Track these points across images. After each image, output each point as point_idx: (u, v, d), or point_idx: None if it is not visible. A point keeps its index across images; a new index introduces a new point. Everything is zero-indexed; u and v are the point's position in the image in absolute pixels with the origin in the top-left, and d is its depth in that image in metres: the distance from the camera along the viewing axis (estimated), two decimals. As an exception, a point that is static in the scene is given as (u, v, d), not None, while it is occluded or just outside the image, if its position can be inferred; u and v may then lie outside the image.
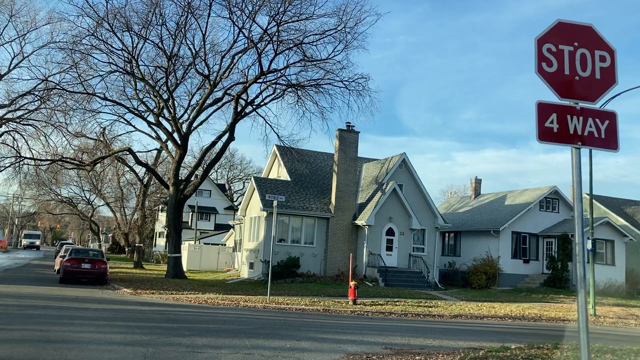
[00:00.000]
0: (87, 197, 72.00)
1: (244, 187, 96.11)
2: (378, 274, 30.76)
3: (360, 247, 32.62)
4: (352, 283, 22.02)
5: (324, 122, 33.49)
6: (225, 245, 47.73)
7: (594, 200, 47.46)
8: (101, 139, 33.02)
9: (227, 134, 29.36)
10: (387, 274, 30.47)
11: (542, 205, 38.72)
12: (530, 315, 21.17)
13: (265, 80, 27.87)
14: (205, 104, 29.46)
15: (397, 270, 31.55)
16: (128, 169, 43.12)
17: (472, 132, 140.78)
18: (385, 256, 31.96)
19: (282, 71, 26.96)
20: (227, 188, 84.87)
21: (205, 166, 35.79)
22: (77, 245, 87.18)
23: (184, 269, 32.72)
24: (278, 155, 36.65)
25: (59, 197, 69.93)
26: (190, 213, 62.06)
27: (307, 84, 27.07)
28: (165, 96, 29.36)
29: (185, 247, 39.70)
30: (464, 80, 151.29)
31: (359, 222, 32.59)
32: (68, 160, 31.76)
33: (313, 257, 32.20)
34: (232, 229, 49.55)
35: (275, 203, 20.76)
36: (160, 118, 30.27)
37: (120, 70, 27.90)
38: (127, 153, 32.48)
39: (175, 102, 29.62)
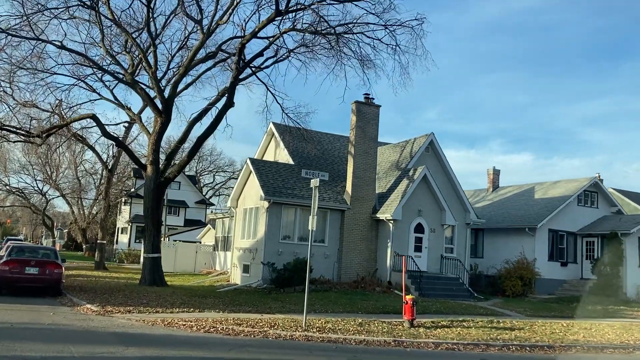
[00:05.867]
0: (40, 188, 63.78)
1: (214, 180, 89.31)
2: (409, 281, 24.60)
3: (382, 246, 26.44)
4: (408, 298, 15.66)
5: (363, 75, 23.59)
6: (201, 242, 41.27)
7: (621, 195, 42.93)
8: (56, 111, 25.80)
9: (223, 98, 22.36)
10: (421, 280, 24.32)
11: (580, 199, 33.26)
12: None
13: (280, 25, 20.70)
14: (196, 59, 22.41)
15: (429, 276, 25.46)
16: (88, 149, 35.51)
17: (433, 131, 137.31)
18: (414, 258, 25.78)
19: (311, 7, 19.50)
20: (197, 181, 77.77)
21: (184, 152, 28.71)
22: (28, 242, 78.65)
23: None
24: (276, 134, 30.08)
25: (7, 187, 61.64)
26: (159, 206, 54.96)
27: (338, 30, 19.98)
28: (146, 45, 22.10)
29: (158, 244, 32.68)
30: (427, 80, 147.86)
31: (381, 215, 26.34)
32: (10, 128, 24.00)
33: (325, 259, 25.84)
34: (208, 225, 43.43)
35: (315, 182, 14.21)
36: (137, 78, 23.11)
37: (84, 3, 20.42)
38: (92, 123, 25.08)
39: (157, 52, 22.18)
